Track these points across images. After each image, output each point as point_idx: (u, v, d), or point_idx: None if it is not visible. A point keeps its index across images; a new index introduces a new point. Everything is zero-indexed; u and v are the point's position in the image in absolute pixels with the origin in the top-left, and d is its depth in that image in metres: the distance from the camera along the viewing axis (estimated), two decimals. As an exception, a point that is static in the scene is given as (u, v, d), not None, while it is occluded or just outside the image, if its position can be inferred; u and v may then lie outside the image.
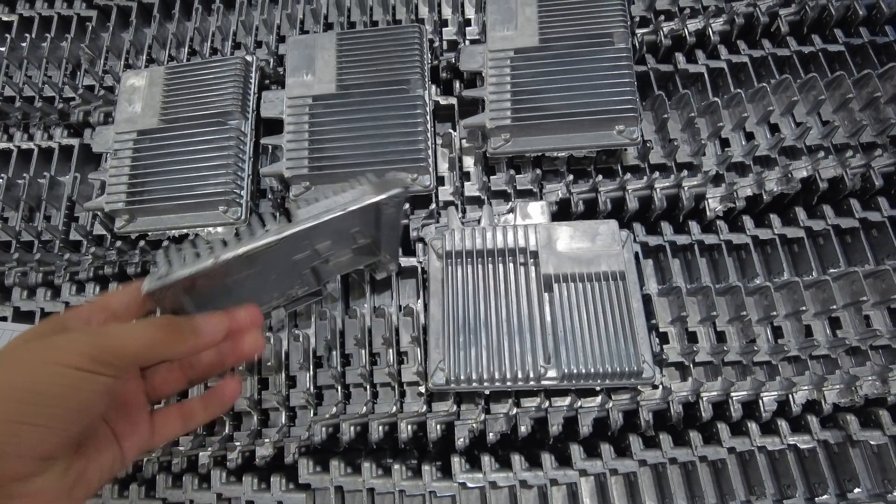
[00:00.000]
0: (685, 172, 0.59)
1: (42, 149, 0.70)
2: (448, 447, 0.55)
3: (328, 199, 0.42)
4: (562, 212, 0.62)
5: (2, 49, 0.75)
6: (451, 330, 0.53)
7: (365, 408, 0.54)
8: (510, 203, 0.61)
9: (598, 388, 0.53)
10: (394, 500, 0.53)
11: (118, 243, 0.63)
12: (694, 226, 0.59)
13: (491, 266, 0.56)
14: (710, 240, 0.59)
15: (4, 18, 0.78)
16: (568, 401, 0.54)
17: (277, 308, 0.56)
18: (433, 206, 0.62)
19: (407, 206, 0.60)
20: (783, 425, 0.53)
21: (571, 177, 0.61)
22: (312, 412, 0.56)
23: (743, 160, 0.61)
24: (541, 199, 0.62)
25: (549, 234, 0.56)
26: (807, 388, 0.53)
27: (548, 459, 0.53)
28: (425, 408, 0.55)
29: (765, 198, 0.59)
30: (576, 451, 0.53)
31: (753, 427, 0.53)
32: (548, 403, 0.54)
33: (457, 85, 0.67)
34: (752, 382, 0.53)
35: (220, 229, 0.61)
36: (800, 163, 0.59)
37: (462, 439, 0.54)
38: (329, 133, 0.60)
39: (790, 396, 0.53)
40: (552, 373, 0.51)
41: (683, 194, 0.59)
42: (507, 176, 0.61)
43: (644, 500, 0.53)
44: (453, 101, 0.66)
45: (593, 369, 0.50)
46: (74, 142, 0.70)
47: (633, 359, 0.51)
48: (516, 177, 0.62)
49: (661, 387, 0.54)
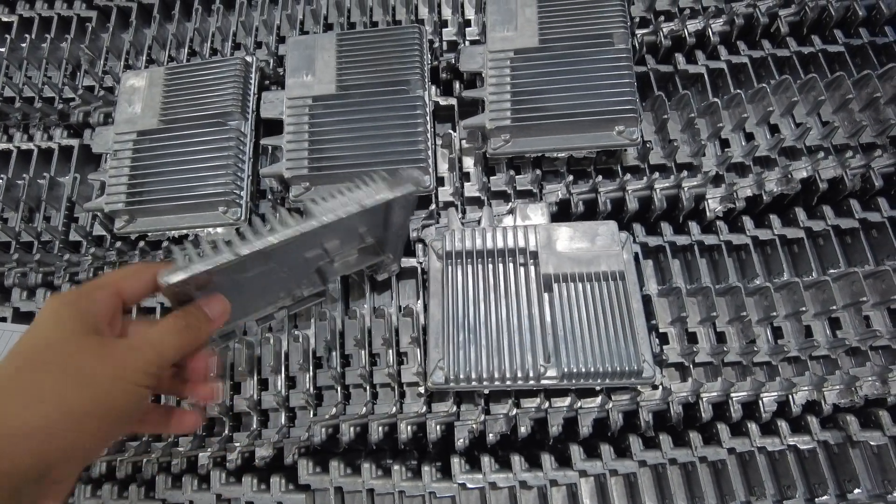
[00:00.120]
0: (685, 173, 0.59)
1: (42, 149, 0.70)
2: (448, 448, 0.55)
3: (343, 195, 0.41)
4: (562, 212, 0.62)
5: (2, 50, 0.75)
6: (450, 329, 0.53)
7: (365, 408, 0.54)
8: (510, 204, 0.61)
9: (598, 387, 0.53)
10: (393, 500, 0.53)
11: (118, 244, 0.63)
12: (694, 226, 0.59)
13: (491, 266, 0.56)
14: (710, 240, 0.59)
15: (4, 19, 0.78)
16: (568, 401, 0.54)
17: (283, 308, 0.56)
18: (433, 206, 0.62)
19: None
20: (783, 426, 0.53)
21: (571, 177, 0.61)
22: (312, 413, 0.56)
23: (743, 161, 0.61)
24: (541, 199, 0.62)
25: (548, 234, 0.56)
26: (807, 388, 0.53)
27: (548, 460, 0.53)
28: (425, 408, 0.55)
29: (765, 198, 0.59)
30: (576, 451, 0.53)
31: (753, 428, 0.53)
32: (547, 404, 0.54)
33: (457, 85, 0.67)
34: (752, 383, 0.53)
35: (220, 230, 0.61)
36: (800, 163, 0.59)
37: (462, 440, 0.54)
38: (329, 134, 0.60)
39: (790, 397, 0.53)
40: (552, 372, 0.51)
41: (683, 195, 0.59)
42: (507, 176, 0.61)
43: (644, 501, 0.53)
44: (453, 101, 0.66)
45: (593, 368, 0.50)
46: (74, 142, 0.70)
47: (633, 358, 0.51)
48: (516, 177, 0.62)
49: (660, 387, 0.54)
